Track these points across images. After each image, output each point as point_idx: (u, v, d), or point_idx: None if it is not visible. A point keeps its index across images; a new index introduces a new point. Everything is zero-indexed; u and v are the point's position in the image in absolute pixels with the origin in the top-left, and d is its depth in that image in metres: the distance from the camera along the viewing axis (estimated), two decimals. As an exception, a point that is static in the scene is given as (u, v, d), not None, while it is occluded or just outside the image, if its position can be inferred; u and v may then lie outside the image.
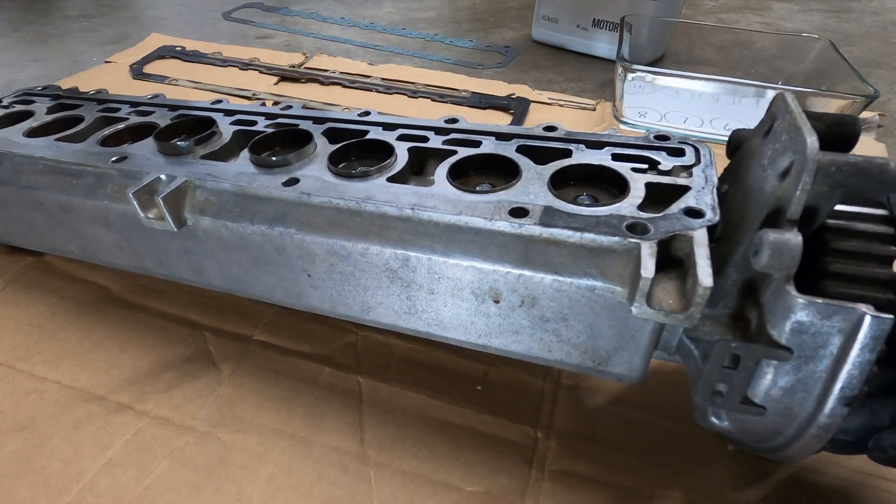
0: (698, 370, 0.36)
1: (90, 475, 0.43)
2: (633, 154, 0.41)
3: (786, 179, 0.28)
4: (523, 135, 0.45)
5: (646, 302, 0.30)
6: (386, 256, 0.38)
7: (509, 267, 0.35)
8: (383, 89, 1.01)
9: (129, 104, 0.60)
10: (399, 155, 0.44)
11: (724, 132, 0.89)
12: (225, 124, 0.52)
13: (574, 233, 0.33)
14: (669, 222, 0.33)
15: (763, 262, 0.27)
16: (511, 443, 0.46)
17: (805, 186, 0.27)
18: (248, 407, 0.48)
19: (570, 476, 0.43)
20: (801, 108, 0.31)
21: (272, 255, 0.43)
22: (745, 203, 0.33)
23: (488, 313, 0.38)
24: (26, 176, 0.51)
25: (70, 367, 0.52)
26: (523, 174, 0.40)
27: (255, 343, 0.54)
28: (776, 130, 0.32)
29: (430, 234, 0.37)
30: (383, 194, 0.39)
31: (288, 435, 0.46)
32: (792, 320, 0.27)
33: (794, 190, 0.27)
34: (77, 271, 0.62)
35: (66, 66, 1.13)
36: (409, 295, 0.40)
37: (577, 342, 0.37)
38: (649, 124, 0.90)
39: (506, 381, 0.50)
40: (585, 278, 0.33)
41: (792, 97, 0.32)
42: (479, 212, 0.36)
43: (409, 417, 0.48)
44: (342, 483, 0.43)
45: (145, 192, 0.43)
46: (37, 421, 0.47)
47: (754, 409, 0.30)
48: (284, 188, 0.41)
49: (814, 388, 0.28)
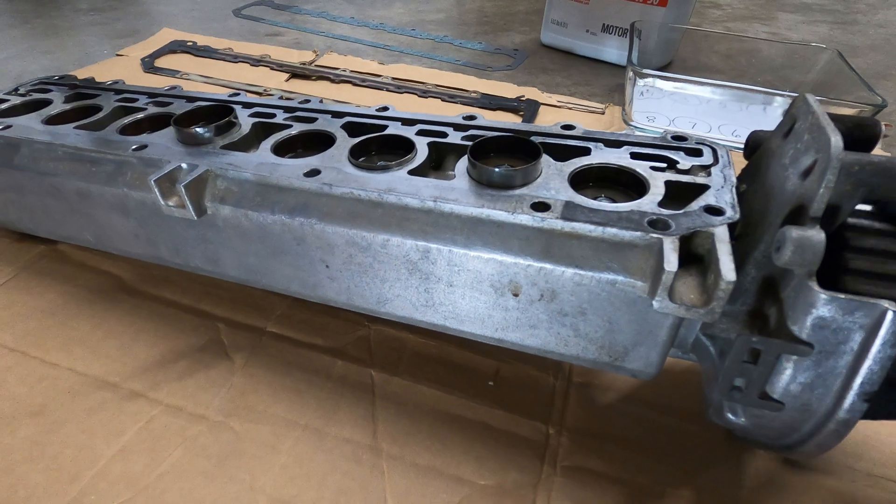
0: (714, 367, 0.36)
1: (103, 462, 0.43)
2: (652, 153, 0.42)
3: (808, 178, 0.29)
4: (542, 132, 0.46)
5: (667, 296, 0.30)
6: (406, 248, 0.39)
7: (531, 260, 0.35)
8: (394, 88, 1.02)
9: (147, 95, 0.60)
10: (419, 149, 0.44)
11: (732, 138, 0.90)
12: (244, 116, 0.53)
13: (596, 227, 0.34)
14: (690, 219, 0.33)
15: (786, 258, 0.27)
16: (523, 438, 0.46)
17: (829, 184, 0.27)
18: (261, 397, 0.48)
19: (582, 472, 0.43)
20: (822, 109, 0.31)
21: (291, 245, 0.43)
22: (765, 201, 0.33)
23: (507, 307, 0.39)
24: (45, 162, 0.51)
25: (83, 354, 0.52)
26: (543, 170, 0.40)
27: (267, 335, 0.54)
28: (797, 131, 0.33)
29: (451, 227, 0.37)
30: (405, 186, 0.39)
31: (301, 426, 0.46)
32: (813, 316, 0.27)
33: (818, 188, 0.28)
34: (89, 260, 0.62)
35: (78, 59, 1.14)
36: (428, 287, 0.41)
37: (594, 337, 0.37)
38: (658, 129, 0.90)
39: (517, 377, 0.51)
40: (606, 272, 0.34)
41: (813, 98, 0.32)
42: (501, 205, 0.36)
43: (421, 411, 0.48)
44: (355, 474, 0.43)
45: (166, 180, 0.43)
46: (50, 407, 0.47)
47: (773, 404, 0.30)
48: (306, 178, 0.41)
49: (833, 384, 0.28)
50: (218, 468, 0.43)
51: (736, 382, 0.31)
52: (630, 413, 0.48)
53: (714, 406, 0.35)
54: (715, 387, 0.34)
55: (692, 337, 0.37)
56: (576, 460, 0.44)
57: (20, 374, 0.50)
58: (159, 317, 0.56)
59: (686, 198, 0.36)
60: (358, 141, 0.46)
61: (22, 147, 0.52)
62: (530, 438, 0.46)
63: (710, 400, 0.36)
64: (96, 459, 0.44)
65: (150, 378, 0.50)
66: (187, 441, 0.45)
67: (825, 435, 0.29)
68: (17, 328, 0.54)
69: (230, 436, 0.46)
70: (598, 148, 0.43)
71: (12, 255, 0.63)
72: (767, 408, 0.30)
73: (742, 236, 0.34)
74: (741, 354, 0.30)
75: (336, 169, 0.42)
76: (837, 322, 0.27)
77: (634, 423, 0.47)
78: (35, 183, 0.52)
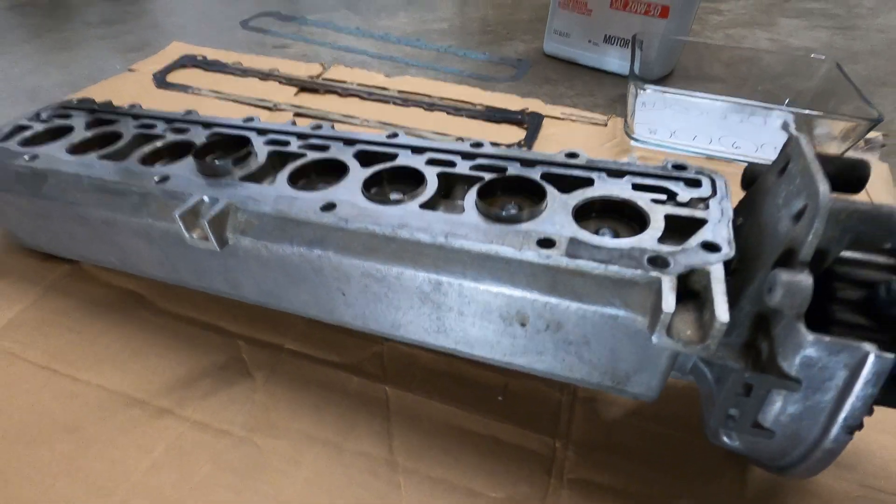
0: (710, 391, 0.38)
1: (136, 476, 0.46)
2: (653, 184, 0.44)
3: (799, 223, 0.31)
4: (546, 161, 0.48)
5: (665, 333, 0.33)
6: (419, 280, 0.41)
7: (537, 294, 0.38)
8: (400, 102, 1.04)
9: (164, 120, 0.63)
10: (429, 181, 0.46)
11: (732, 149, 0.92)
12: (259, 143, 0.55)
13: (599, 265, 0.36)
14: (688, 256, 0.35)
15: (776, 300, 0.29)
16: (531, 452, 0.48)
17: (817, 232, 0.29)
18: (282, 413, 0.51)
19: (588, 484, 0.46)
20: (813, 151, 0.33)
21: (309, 274, 0.46)
22: (759, 239, 0.35)
23: (514, 335, 0.41)
24: (72, 193, 0.53)
25: (111, 371, 0.55)
26: (548, 203, 0.42)
27: (286, 352, 0.57)
28: (790, 172, 0.35)
29: (462, 261, 0.40)
30: (417, 221, 0.42)
31: (320, 441, 0.49)
32: (801, 354, 0.30)
33: (807, 234, 0.30)
34: (113, 278, 0.65)
35: (90, 73, 1.16)
36: (439, 315, 0.43)
37: (598, 364, 0.40)
38: (659, 141, 0.92)
39: (525, 392, 0.53)
40: (609, 307, 0.36)
41: (806, 140, 0.34)
42: (509, 241, 0.38)
43: (434, 426, 0.50)
44: (373, 487, 0.46)
45: (190, 214, 0.46)
46: (83, 423, 0.50)
47: (764, 432, 0.33)
48: (323, 213, 0.43)
49: (820, 417, 0.30)
50: (244, 482, 0.46)
51: (730, 412, 0.34)
52: (634, 426, 0.50)
53: (711, 430, 0.37)
54: (712, 412, 0.36)
55: (690, 363, 0.40)
56: (581, 473, 0.47)
57: (53, 391, 0.53)
58: (182, 335, 0.58)
59: (685, 231, 0.39)
60: (370, 173, 0.48)
61: (49, 177, 0.55)
62: (538, 452, 0.48)
63: (707, 423, 0.39)
64: (129, 474, 0.46)
65: (177, 395, 0.53)
66: (214, 456, 0.48)
67: (812, 461, 0.31)
68: (48, 346, 0.57)
69: (254, 451, 0.48)
70: (601, 178, 0.45)
71: (38, 274, 0.66)
72: (759, 436, 0.33)
73: (738, 271, 0.36)
74: (736, 388, 0.32)
75: (350, 203, 0.44)
76: (823, 361, 0.29)
77: (637, 435, 0.50)
78: (62, 211, 0.55)
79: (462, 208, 0.43)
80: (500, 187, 0.45)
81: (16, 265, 0.67)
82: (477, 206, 0.42)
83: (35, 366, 0.55)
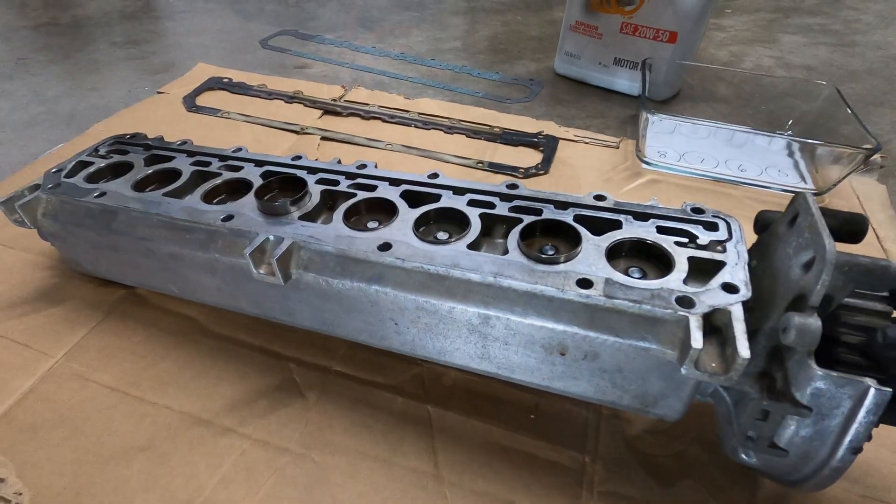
0: (728, 413, 0.43)
1: (208, 490, 0.51)
2: (675, 227, 0.49)
3: (808, 273, 0.36)
4: (577, 203, 0.53)
5: (694, 366, 0.38)
6: (469, 314, 0.46)
7: (577, 329, 0.43)
8: (421, 125, 1.09)
9: (218, 157, 0.68)
10: (473, 223, 0.51)
11: (738, 172, 0.97)
12: (311, 182, 0.60)
13: (633, 304, 0.41)
14: (710, 296, 0.40)
15: (790, 339, 0.34)
16: (563, 466, 0.53)
17: (824, 283, 0.34)
18: (336, 431, 0.56)
19: (616, 496, 0.51)
20: (819, 210, 0.38)
21: (365, 306, 0.51)
22: (773, 283, 0.40)
23: (554, 362, 0.46)
24: (142, 228, 0.58)
25: (176, 393, 0.60)
26: (583, 245, 0.47)
27: (333, 373, 0.62)
28: (799, 225, 0.40)
29: (509, 299, 0.45)
30: (466, 262, 0.47)
31: (371, 457, 0.54)
32: (812, 386, 0.35)
33: (816, 283, 0.35)
34: (168, 304, 0.70)
35: (122, 97, 1.21)
36: (485, 344, 0.48)
37: (629, 389, 0.45)
38: (669, 164, 0.97)
39: (555, 411, 0.58)
40: (641, 341, 0.41)
41: (812, 199, 0.39)
42: (551, 281, 0.44)
43: (474, 442, 0.55)
44: (422, 499, 0.51)
45: (258, 252, 0.51)
46: (156, 442, 0.55)
47: (779, 452, 0.38)
48: (381, 252, 0.48)
49: (828, 439, 0.35)
50: (306, 495, 0.51)
51: (749, 433, 0.39)
52: (654, 442, 0.55)
53: (730, 448, 0.42)
54: (731, 432, 0.41)
55: (711, 388, 0.45)
56: (610, 486, 0.52)
57: (124, 412, 0.58)
58: (237, 358, 0.63)
59: (705, 272, 0.44)
60: (419, 214, 0.53)
61: (119, 214, 0.60)
62: (569, 466, 0.53)
63: (726, 441, 0.44)
64: (202, 488, 0.51)
65: (237, 415, 0.57)
66: (277, 472, 0.53)
67: (821, 478, 0.36)
68: (114, 369, 0.62)
69: (312, 467, 0.53)
70: (629, 220, 0.50)
71: (98, 300, 0.71)
72: (775, 455, 0.38)
73: (754, 309, 0.41)
74: (754, 413, 0.37)
75: (404, 243, 0.49)
76: (831, 392, 0.34)
77: (659, 450, 0.55)
78: (130, 245, 0.60)
79: (504, 248, 0.48)
80: (538, 229, 0.51)
81: (75, 291, 0.72)
82: (520, 247, 0.47)
83: (105, 388, 0.60)
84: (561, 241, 0.51)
